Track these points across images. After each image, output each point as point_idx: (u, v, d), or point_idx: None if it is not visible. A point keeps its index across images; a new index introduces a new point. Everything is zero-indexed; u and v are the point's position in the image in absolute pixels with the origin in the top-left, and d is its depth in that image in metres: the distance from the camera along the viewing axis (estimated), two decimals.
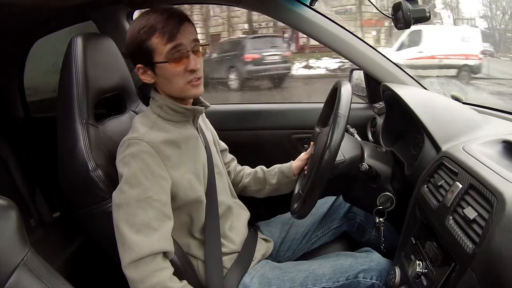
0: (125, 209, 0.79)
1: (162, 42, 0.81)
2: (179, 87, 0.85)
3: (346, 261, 0.94)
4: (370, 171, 0.92)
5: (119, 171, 0.82)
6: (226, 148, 1.16)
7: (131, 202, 0.78)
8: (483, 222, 0.59)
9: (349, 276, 0.90)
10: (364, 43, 1.28)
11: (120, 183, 0.81)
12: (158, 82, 0.87)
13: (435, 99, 1.08)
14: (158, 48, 0.81)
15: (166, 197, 0.83)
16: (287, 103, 1.66)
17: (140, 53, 0.83)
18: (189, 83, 0.85)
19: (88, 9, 1.33)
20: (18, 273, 0.59)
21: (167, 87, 0.86)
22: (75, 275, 1.10)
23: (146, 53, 0.82)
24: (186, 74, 0.84)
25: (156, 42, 0.81)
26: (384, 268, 0.92)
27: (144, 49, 0.82)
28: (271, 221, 1.19)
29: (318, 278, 0.91)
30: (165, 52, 0.81)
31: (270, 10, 1.28)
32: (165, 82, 0.86)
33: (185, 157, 0.88)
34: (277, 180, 1.13)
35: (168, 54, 0.81)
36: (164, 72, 0.83)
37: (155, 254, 0.78)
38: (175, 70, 0.83)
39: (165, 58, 0.81)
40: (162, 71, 0.83)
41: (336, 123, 0.82)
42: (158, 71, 0.84)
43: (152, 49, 0.81)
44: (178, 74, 0.83)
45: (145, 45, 0.81)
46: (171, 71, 0.83)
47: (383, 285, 0.90)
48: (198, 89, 0.87)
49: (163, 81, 0.86)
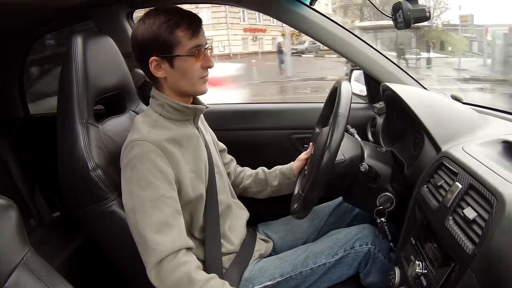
0: (141, 212, 0.79)
1: (187, 37, 0.84)
2: (193, 81, 0.88)
3: (341, 235, 0.97)
4: (370, 171, 0.92)
5: (127, 175, 0.82)
6: (224, 148, 1.16)
7: (146, 203, 0.79)
8: (483, 222, 0.59)
9: (346, 247, 0.94)
10: (364, 43, 1.27)
11: (128, 187, 0.81)
12: (171, 76, 0.87)
13: (435, 99, 1.08)
14: (184, 41, 0.84)
15: (176, 194, 0.84)
16: (287, 103, 1.66)
17: (158, 45, 0.84)
18: (202, 79, 0.89)
19: (88, 9, 1.33)
20: (17, 272, 0.59)
21: (182, 81, 0.88)
22: (75, 274, 1.10)
23: (166, 45, 0.84)
24: (201, 70, 0.88)
25: (182, 35, 0.83)
26: (379, 236, 0.95)
27: (164, 42, 0.83)
28: (270, 225, 1.18)
29: (317, 255, 0.94)
30: (189, 47, 0.84)
31: (270, 10, 1.28)
32: (180, 76, 0.87)
33: (187, 155, 0.89)
34: (278, 181, 1.13)
35: (191, 49, 0.84)
36: (184, 65, 0.86)
37: (178, 251, 0.79)
38: (195, 64, 0.86)
39: (189, 52, 0.84)
40: (182, 63, 0.85)
41: (336, 123, 0.81)
42: (177, 63, 0.85)
43: (176, 42, 0.84)
44: (196, 69, 0.87)
45: (167, 38, 0.83)
46: (191, 65, 0.86)
47: (378, 251, 0.94)
48: (206, 86, 0.91)
49: (179, 74, 0.87)
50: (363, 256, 0.93)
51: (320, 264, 0.93)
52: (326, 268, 0.93)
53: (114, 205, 0.87)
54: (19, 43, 1.48)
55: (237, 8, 10.11)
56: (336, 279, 0.94)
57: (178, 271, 0.77)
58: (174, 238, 0.79)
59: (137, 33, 0.85)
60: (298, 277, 0.92)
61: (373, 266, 0.94)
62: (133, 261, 0.83)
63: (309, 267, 0.93)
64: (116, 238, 0.89)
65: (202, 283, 0.78)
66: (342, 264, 0.93)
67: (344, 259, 0.93)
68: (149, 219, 0.78)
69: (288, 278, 0.92)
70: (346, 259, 0.93)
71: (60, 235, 1.39)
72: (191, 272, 0.78)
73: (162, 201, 0.80)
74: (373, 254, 0.94)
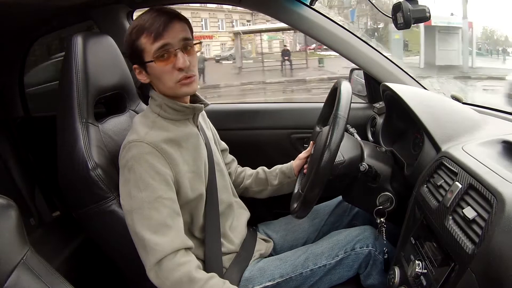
0: (139, 213, 0.79)
1: (149, 42, 0.82)
2: (170, 86, 0.85)
3: (341, 236, 0.97)
4: (369, 171, 0.92)
5: (125, 177, 0.82)
6: (226, 148, 1.16)
7: (143, 205, 0.79)
8: (482, 222, 0.59)
9: (347, 249, 0.93)
10: (364, 43, 1.27)
11: (126, 188, 0.81)
12: (152, 81, 0.88)
13: (435, 99, 1.08)
14: (147, 47, 0.82)
15: (174, 195, 0.83)
16: (287, 103, 1.66)
17: (133, 53, 0.85)
18: (179, 82, 0.84)
19: (89, 8, 1.33)
20: (17, 272, 0.59)
21: (160, 86, 0.87)
22: (75, 274, 1.10)
23: (137, 53, 0.84)
24: (175, 72, 0.83)
25: (144, 41, 0.82)
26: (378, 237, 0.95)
27: (135, 50, 0.84)
28: (270, 225, 1.18)
29: (317, 257, 0.93)
30: (152, 51, 0.82)
31: (270, 10, 1.28)
32: (157, 82, 0.87)
33: (186, 155, 0.89)
34: (279, 180, 1.13)
35: (156, 53, 0.82)
36: (154, 71, 0.84)
37: (177, 251, 0.79)
38: (163, 69, 0.83)
39: (153, 57, 0.82)
40: (152, 70, 0.85)
41: (335, 123, 0.81)
42: (149, 70, 0.85)
43: (142, 49, 0.83)
44: (166, 72, 0.83)
45: (135, 45, 0.83)
46: (159, 70, 0.83)
47: (379, 253, 0.93)
48: (189, 87, 0.86)
49: (155, 80, 0.87)
50: (364, 258, 0.93)
51: (321, 266, 0.92)
52: (326, 270, 0.92)
53: (114, 205, 0.87)
54: (19, 43, 1.48)
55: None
56: (336, 281, 0.94)
57: (178, 270, 0.77)
58: (172, 238, 0.79)
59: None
60: (298, 278, 0.92)
61: (373, 268, 0.94)
62: (133, 260, 0.82)
63: (309, 268, 0.92)
64: (116, 237, 0.89)
65: (202, 282, 0.78)
66: (342, 265, 0.93)
67: (345, 260, 0.93)
68: (147, 220, 0.78)
69: (288, 279, 0.92)
70: (347, 260, 0.93)
71: (60, 235, 1.39)
72: (191, 271, 0.78)
73: (160, 202, 0.80)
74: (373, 256, 0.93)
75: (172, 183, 0.83)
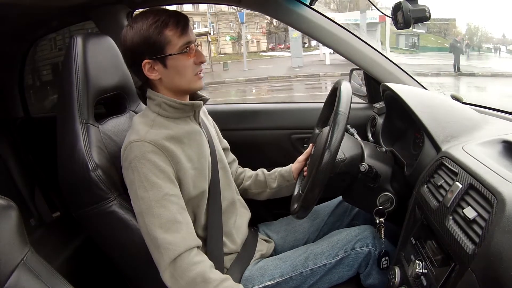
0: (148, 213, 0.79)
1: (177, 35, 0.84)
2: (188, 78, 0.88)
3: (341, 235, 0.97)
4: (370, 171, 0.92)
5: (130, 178, 0.82)
6: (228, 147, 1.16)
7: (151, 204, 0.79)
8: (483, 222, 0.59)
9: (347, 249, 0.93)
10: (364, 43, 1.27)
11: (133, 190, 0.82)
12: (166, 76, 0.88)
13: (435, 99, 1.08)
14: (173, 40, 0.84)
15: (179, 191, 0.84)
16: (287, 103, 1.66)
17: (148, 48, 0.84)
18: (196, 75, 0.89)
19: (88, 9, 1.33)
20: (18, 272, 0.59)
21: (176, 79, 0.88)
22: (75, 274, 1.10)
23: (157, 47, 0.84)
24: (195, 66, 0.88)
25: (171, 34, 0.84)
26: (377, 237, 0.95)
27: (154, 43, 0.84)
28: (271, 225, 1.18)
29: (317, 256, 0.94)
30: (179, 45, 0.84)
31: (270, 10, 1.28)
32: (174, 75, 0.87)
33: (190, 152, 0.89)
34: (277, 183, 1.13)
35: (183, 46, 0.85)
36: (177, 63, 0.86)
37: (190, 249, 0.79)
38: (188, 61, 0.87)
39: (180, 50, 0.85)
40: (175, 62, 0.86)
41: (336, 122, 0.81)
42: (170, 63, 0.86)
43: (166, 42, 0.84)
44: (189, 66, 0.87)
45: (157, 39, 0.83)
46: (184, 62, 0.86)
47: (378, 253, 0.93)
48: (202, 81, 0.92)
49: (173, 73, 0.87)
50: (364, 257, 0.93)
51: (321, 265, 0.93)
52: (326, 269, 0.93)
53: (114, 205, 0.87)
54: (19, 43, 1.48)
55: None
56: (336, 280, 0.94)
57: (192, 270, 0.78)
58: (184, 235, 0.80)
59: (126, 39, 0.85)
60: (298, 278, 0.92)
61: (373, 268, 0.94)
62: (133, 261, 0.83)
63: (309, 267, 0.93)
64: (116, 238, 0.89)
65: (217, 283, 0.78)
66: (342, 265, 0.93)
67: (345, 260, 0.93)
68: (157, 219, 0.79)
69: (288, 279, 0.92)
70: (347, 260, 0.93)
71: (60, 235, 1.39)
72: (206, 271, 0.79)
73: (167, 199, 0.80)
74: (373, 256, 0.93)
75: (175, 180, 0.84)
